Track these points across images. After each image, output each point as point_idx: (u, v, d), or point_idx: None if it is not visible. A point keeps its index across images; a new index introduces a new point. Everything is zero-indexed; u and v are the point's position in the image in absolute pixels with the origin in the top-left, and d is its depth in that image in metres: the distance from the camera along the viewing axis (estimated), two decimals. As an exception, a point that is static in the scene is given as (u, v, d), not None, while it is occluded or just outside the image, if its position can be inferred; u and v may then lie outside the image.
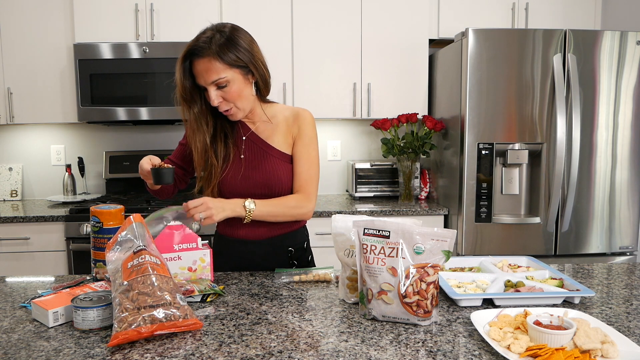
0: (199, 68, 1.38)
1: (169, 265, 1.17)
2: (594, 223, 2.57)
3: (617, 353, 0.88)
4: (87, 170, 3.23)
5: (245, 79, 1.42)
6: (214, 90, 1.39)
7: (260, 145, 1.53)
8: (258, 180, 1.50)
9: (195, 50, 1.37)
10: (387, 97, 2.97)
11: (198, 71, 1.38)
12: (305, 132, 1.53)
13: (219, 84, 1.38)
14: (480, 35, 2.44)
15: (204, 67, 1.36)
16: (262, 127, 1.55)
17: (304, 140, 1.53)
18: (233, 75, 1.38)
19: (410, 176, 2.95)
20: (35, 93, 2.86)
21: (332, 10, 2.89)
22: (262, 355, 0.92)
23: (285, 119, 1.55)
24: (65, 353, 0.93)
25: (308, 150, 1.53)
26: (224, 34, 1.38)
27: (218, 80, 1.37)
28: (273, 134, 1.54)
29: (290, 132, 1.54)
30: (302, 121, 1.54)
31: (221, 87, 1.39)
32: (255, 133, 1.54)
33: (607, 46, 2.47)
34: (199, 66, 1.37)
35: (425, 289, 1.03)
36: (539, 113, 2.48)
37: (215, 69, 1.36)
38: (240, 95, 1.42)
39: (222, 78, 1.37)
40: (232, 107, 1.43)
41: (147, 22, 2.79)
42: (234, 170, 1.52)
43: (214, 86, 1.38)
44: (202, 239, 1.35)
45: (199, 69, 1.38)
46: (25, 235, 2.60)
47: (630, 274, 1.43)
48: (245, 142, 1.54)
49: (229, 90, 1.39)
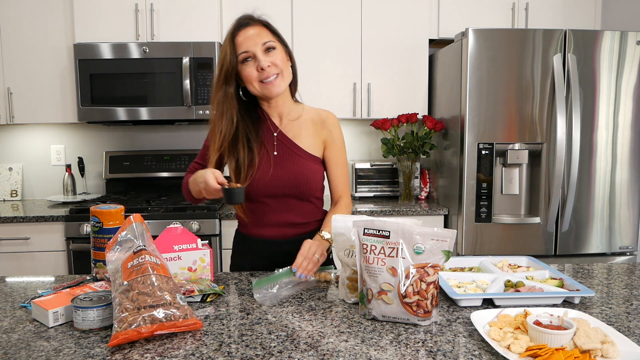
0: (247, 34, 1.38)
1: (169, 265, 1.17)
2: (594, 223, 2.57)
3: (617, 353, 0.88)
4: (87, 170, 3.23)
5: (286, 57, 1.44)
6: (262, 54, 1.38)
7: (289, 146, 1.50)
8: (287, 179, 1.48)
9: (243, 21, 1.39)
10: (387, 97, 2.97)
11: (247, 36, 1.38)
12: (337, 136, 1.55)
13: (268, 47, 1.38)
14: (480, 35, 2.44)
15: (254, 32, 1.38)
16: (289, 126, 1.52)
17: (338, 144, 1.55)
18: (279, 46, 1.41)
19: (410, 176, 2.95)
20: (35, 93, 2.86)
21: (332, 10, 2.89)
22: (262, 355, 0.92)
23: (311, 120, 1.53)
24: (65, 353, 0.93)
25: (342, 155, 1.56)
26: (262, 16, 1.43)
27: (268, 42, 1.38)
28: (300, 134, 1.51)
29: (320, 135, 1.53)
30: (332, 126, 1.54)
31: (269, 50, 1.39)
32: (283, 132, 1.51)
33: (607, 46, 2.47)
34: (248, 32, 1.38)
35: (425, 289, 1.03)
36: (539, 113, 2.48)
37: (265, 33, 1.39)
38: (286, 65, 1.43)
39: (271, 41, 1.39)
40: (279, 73, 1.41)
41: (147, 22, 2.79)
42: (264, 168, 1.47)
43: (262, 48, 1.38)
44: (202, 239, 1.35)
45: (248, 34, 1.38)
46: (25, 235, 2.60)
47: (630, 274, 1.43)
48: (276, 139, 1.51)
49: (277, 54, 1.40)
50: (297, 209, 1.51)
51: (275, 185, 1.47)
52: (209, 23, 2.81)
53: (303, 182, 1.48)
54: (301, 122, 1.53)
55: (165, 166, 3.13)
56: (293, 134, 1.51)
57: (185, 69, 2.71)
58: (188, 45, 2.73)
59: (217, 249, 2.61)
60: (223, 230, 2.63)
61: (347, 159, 1.59)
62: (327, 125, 1.53)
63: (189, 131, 3.26)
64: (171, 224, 1.36)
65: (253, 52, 1.38)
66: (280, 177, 1.47)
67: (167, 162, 3.13)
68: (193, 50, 2.73)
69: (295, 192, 1.49)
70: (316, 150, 1.52)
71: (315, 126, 1.53)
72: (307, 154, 1.51)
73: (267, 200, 1.49)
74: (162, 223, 2.55)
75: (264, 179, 1.46)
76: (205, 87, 2.75)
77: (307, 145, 1.51)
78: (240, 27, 1.39)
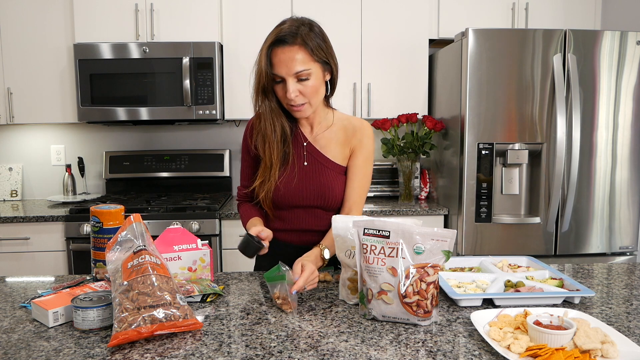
0: (283, 57, 1.30)
1: (169, 265, 1.17)
2: (594, 223, 2.57)
3: (617, 353, 0.88)
4: (87, 170, 3.23)
5: (323, 75, 1.38)
6: (293, 83, 1.32)
7: (316, 157, 1.47)
8: (312, 192, 1.46)
9: (282, 37, 1.30)
10: (387, 97, 2.97)
11: (281, 60, 1.31)
12: (367, 146, 1.48)
13: (300, 76, 1.32)
14: (480, 35, 2.44)
15: (290, 56, 1.30)
16: (320, 135, 1.49)
17: (365, 154, 1.48)
18: (315, 69, 1.33)
19: (410, 176, 2.95)
20: (35, 93, 2.86)
21: (332, 10, 2.89)
22: (262, 355, 0.92)
23: (344, 129, 1.49)
24: (65, 353, 0.93)
25: (366, 165, 1.49)
26: (306, 25, 1.34)
27: (302, 72, 1.31)
28: (329, 144, 1.48)
29: (349, 144, 1.48)
30: (364, 134, 1.48)
31: (301, 80, 1.32)
32: (312, 143, 1.48)
33: (607, 46, 2.47)
34: (284, 55, 1.30)
35: (425, 289, 1.03)
36: (539, 113, 2.48)
37: (301, 60, 1.30)
38: (317, 91, 1.37)
39: (306, 70, 1.31)
40: (306, 102, 1.36)
41: (147, 22, 2.79)
42: (288, 178, 1.45)
43: (294, 78, 1.32)
44: (202, 239, 1.35)
45: (283, 57, 1.30)
46: (25, 235, 2.60)
47: (630, 274, 1.43)
48: (306, 149, 1.48)
49: (308, 84, 1.33)
50: (323, 218, 1.49)
51: (301, 196, 1.46)
52: (209, 23, 2.81)
53: (329, 195, 1.46)
54: (332, 131, 1.49)
55: (165, 166, 3.13)
56: (323, 143, 1.48)
57: (185, 69, 2.71)
58: (188, 45, 2.73)
59: (217, 249, 2.61)
60: (223, 230, 2.63)
61: (371, 174, 1.51)
62: (360, 133, 1.48)
63: (189, 131, 3.26)
64: (171, 224, 1.36)
65: (285, 77, 1.33)
66: (307, 188, 1.46)
67: (167, 162, 3.13)
68: (193, 50, 2.73)
69: (322, 203, 1.47)
70: (343, 159, 1.49)
71: (347, 134, 1.49)
72: (334, 164, 1.48)
73: (294, 210, 1.49)
74: (162, 223, 2.55)
75: (290, 188, 1.45)
76: (205, 87, 2.75)
77: (334, 155, 1.48)
78: (277, 44, 1.31)
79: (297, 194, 1.46)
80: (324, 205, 1.48)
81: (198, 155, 3.15)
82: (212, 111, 2.77)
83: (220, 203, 2.73)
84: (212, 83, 2.75)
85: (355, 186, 1.48)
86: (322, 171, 1.47)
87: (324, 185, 1.46)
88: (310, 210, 1.49)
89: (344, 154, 1.49)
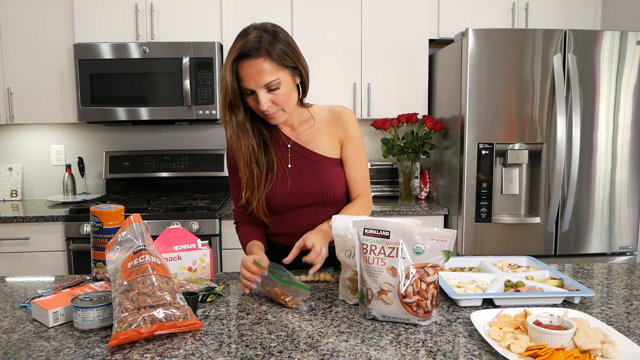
0: (250, 70, 1.28)
1: (169, 265, 1.17)
2: (594, 223, 2.57)
3: (617, 353, 0.88)
4: (87, 170, 3.23)
5: (293, 80, 1.36)
6: (264, 94, 1.30)
7: (304, 155, 1.46)
8: (309, 190, 1.45)
9: (246, 51, 1.27)
10: (387, 97, 2.97)
11: (248, 74, 1.29)
12: (353, 133, 1.48)
13: (270, 87, 1.30)
14: (480, 35, 2.44)
15: (257, 68, 1.28)
16: (303, 133, 1.48)
17: (354, 142, 1.49)
18: (284, 77, 1.32)
19: (410, 176, 2.95)
20: (35, 93, 2.86)
21: (332, 10, 2.89)
22: (262, 355, 0.92)
23: (325, 121, 1.48)
24: (65, 353, 0.93)
25: (360, 152, 1.50)
26: (269, 32, 1.30)
27: (271, 83, 1.29)
28: (314, 138, 1.47)
29: (336, 135, 1.48)
30: (347, 122, 1.48)
31: (272, 90, 1.31)
32: (296, 142, 1.47)
33: (607, 46, 2.47)
34: (250, 68, 1.28)
35: (425, 289, 1.03)
36: (539, 113, 2.48)
37: (268, 70, 1.28)
38: (289, 98, 1.35)
39: (275, 80, 1.29)
40: (278, 110, 1.35)
41: (147, 22, 2.79)
42: (281, 182, 1.44)
43: (264, 89, 1.30)
44: (202, 239, 1.35)
45: (250, 71, 1.28)
46: (25, 235, 2.60)
47: (630, 274, 1.43)
48: (290, 150, 1.47)
49: (279, 93, 1.32)
50: (324, 215, 1.47)
51: (299, 196, 1.45)
52: (209, 23, 2.81)
53: (327, 190, 1.46)
54: (314, 127, 1.48)
55: (165, 166, 3.13)
56: (307, 139, 1.47)
57: (185, 69, 2.71)
58: (188, 45, 2.73)
59: (217, 249, 2.61)
60: (223, 230, 2.63)
61: (366, 156, 1.53)
62: (342, 123, 1.48)
63: (189, 131, 3.26)
64: (171, 224, 1.36)
65: (254, 90, 1.32)
66: (301, 189, 1.45)
67: (167, 162, 3.13)
68: (193, 50, 2.73)
69: (321, 199, 1.46)
70: (334, 151, 1.48)
71: (330, 126, 1.48)
72: (325, 158, 1.47)
73: (292, 212, 1.48)
74: (162, 223, 2.55)
75: (284, 191, 1.44)
76: (205, 87, 2.75)
77: (323, 149, 1.47)
78: (242, 58, 1.28)
79: (295, 194, 1.45)
80: (324, 200, 1.47)
81: (198, 155, 3.15)
82: (212, 111, 2.77)
83: (220, 203, 2.73)
84: (212, 83, 2.75)
85: (357, 174, 1.50)
86: (314, 167, 1.46)
87: (319, 180, 1.45)
88: (309, 209, 1.48)
89: (333, 145, 1.48)
